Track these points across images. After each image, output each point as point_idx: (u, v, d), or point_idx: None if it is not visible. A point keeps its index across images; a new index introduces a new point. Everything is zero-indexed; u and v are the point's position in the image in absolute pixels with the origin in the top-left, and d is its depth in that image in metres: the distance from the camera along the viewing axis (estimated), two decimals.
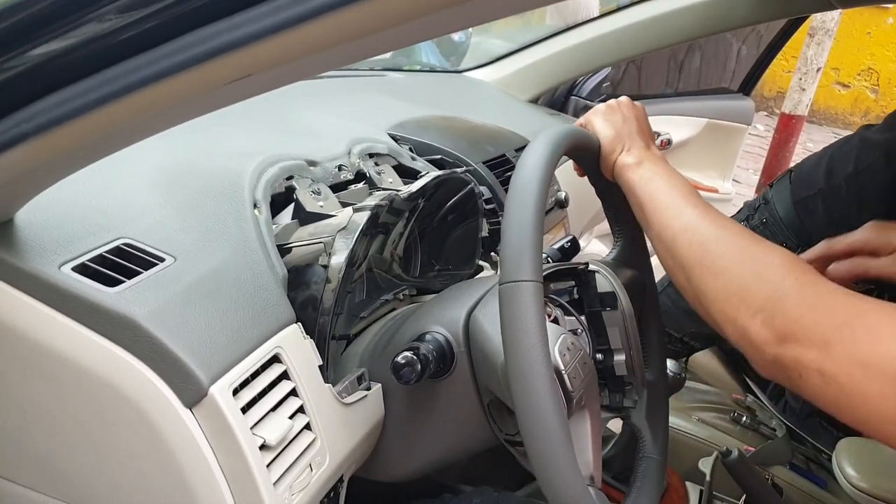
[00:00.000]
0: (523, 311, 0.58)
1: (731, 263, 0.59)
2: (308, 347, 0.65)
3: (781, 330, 0.52)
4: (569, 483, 0.59)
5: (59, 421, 0.57)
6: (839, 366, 0.48)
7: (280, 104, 1.08)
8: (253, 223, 0.68)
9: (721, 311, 0.58)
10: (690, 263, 0.62)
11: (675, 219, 0.66)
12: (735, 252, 0.60)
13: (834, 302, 0.51)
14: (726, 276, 0.59)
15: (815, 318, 0.51)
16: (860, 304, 0.50)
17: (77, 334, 0.54)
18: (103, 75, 0.45)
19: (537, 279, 0.59)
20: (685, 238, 0.63)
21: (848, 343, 0.48)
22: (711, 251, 0.61)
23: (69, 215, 0.62)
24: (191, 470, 0.54)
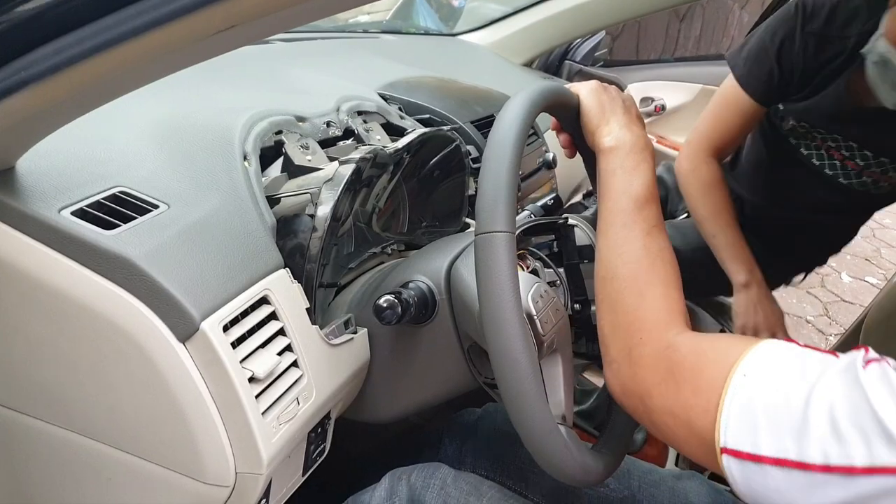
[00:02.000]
0: (496, 260, 0.62)
1: (615, 307, 0.65)
2: (296, 291, 0.69)
3: (626, 380, 0.61)
4: (538, 418, 0.63)
5: (62, 354, 0.61)
6: (659, 415, 0.58)
7: (274, 63, 1.11)
8: (243, 174, 0.72)
9: (617, 333, 0.64)
10: (599, 282, 0.68)
11: (608, 229, 0.68)
12: (625, 296, 0.65)
13: (676, 353, 0.59)
14: (612, 315, 0.65)
15: (651, 371, 0.59)
16: (690, 356, 0.58)
17: (76, 273, 0.58)
18: (97, 24, 0.47)
19: (510, 230, 0.63)
20: (604, 255, 0.68)
21: (664, 398, 0.57)
22: (622, 287, 0.65)
23: (69, 164, 0.65)
24: (184, 399, 0.58)
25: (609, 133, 0.74)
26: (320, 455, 0.76)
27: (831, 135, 1.24)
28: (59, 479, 0.65)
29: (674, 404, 0.56)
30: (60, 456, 0.64)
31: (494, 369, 0.63)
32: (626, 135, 0.73)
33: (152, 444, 0.61)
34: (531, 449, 0.66)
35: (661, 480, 0.96)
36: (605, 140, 0.74)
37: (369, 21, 2.84)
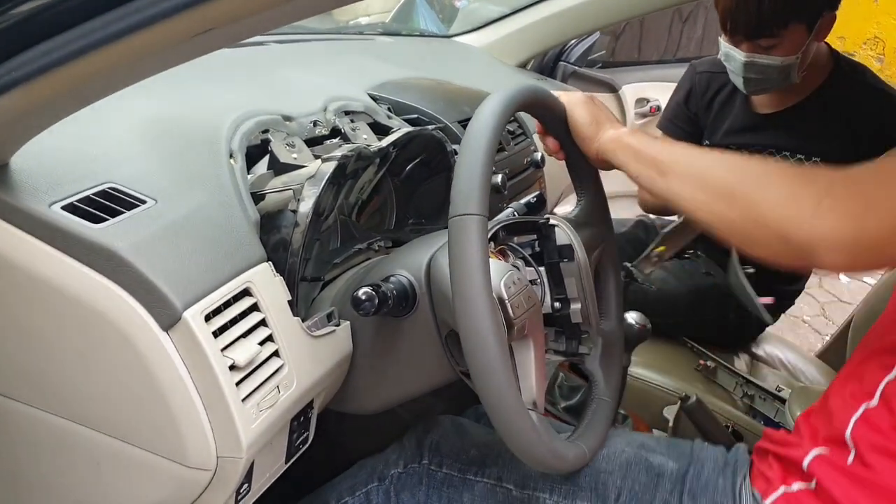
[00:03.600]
0: (468, 241, 0.64)
1: (773, 175, 0.65)
2: (278, 284, 0.71)
3: (853, 203, 0.57)
4: (506, 395, 0.65)
5: (51, 342, 0.63)
6: None
7: (265, 64, 1.14)
8: (228, 171, 0.74)
9: (781, 216, 0.61)
10: (731, 188, 0.66)
11: (697, 158, 0.72)
12: (770, 167, 0.66)
13: (873, 168, 0.59)
14: (774, 185, 0.63)
15: (876, 181, 0.58)
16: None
17: (65, 264, 0.61)
18: (83, 28, 0.50)
19: (482, 213, 0.65)
20: (718, 168, 0.69)
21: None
22: (750, 171, 0.67)
23: (60, 161, 0.68)
24: (167, 386, 0.61)
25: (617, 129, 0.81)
26: (304, 443, 0.79)
27: (749, 148, 1.43)
28: (50, 463, 0.68)
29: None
30: (51, 441, 0.67)
31: (464, 345, 0.65)
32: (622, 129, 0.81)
33: (138, 429, 0.64)
34: (500, 430, 0.68)
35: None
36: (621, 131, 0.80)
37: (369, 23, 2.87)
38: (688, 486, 0.77)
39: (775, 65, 1.26)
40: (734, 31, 1.27)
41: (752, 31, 1.24)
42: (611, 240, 0.98)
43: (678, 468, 0.79)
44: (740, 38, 1.27)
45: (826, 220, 0.58)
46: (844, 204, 0.58)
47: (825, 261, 0.59)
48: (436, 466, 0.85)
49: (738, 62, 1.29)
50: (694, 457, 0.81)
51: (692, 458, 0.81)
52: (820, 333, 2.81)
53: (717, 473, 0.78)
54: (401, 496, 0.85)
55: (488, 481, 0.83)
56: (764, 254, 0.64)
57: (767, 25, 1.22)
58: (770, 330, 1.71)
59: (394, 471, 0.87)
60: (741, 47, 1.27)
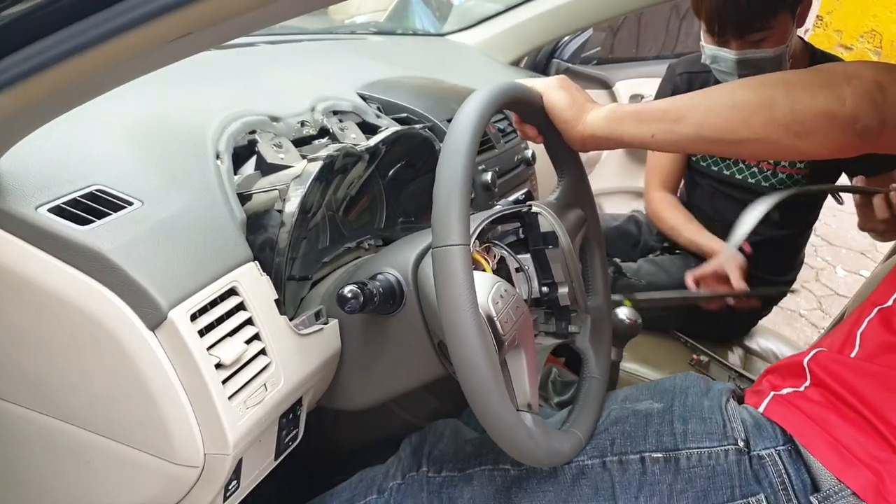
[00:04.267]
0: (453, 272, 0.65)
1: (792, 83, 0.67)
2: (264, 283, 0.72)
3: (872, 75, 0.62)
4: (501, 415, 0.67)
5: (40, 343, 0.64)
6: None
7: (254, 65, 1.14)
8: (215, 172, 0.75)
9: (819, 116, 0.65)
10: (765, 106, 0.68)
11: (708, 92, 0.72)
12: (782, 77, 0.68)
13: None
14: (801, 91, 0.66)
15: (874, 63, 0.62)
16: None
17: (53, 266, 0.61)
18: (63, 33, 0.51)
19: (465, 242, 0.66)
20: (739, 89, 0.70)
21: None
22: (768, 86, 0.68)
23: (48, 164, 0.68)
24: (154, 384, 0.62)
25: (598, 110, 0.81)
26: (293, 440, 0.80)
27: None
28: (41, 462, 0.69)
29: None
30: (42, 440, 0.68)
31: (457, 372, 0.67)
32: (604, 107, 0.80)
33: (126, 428, 0.65)
34: (497, 441, 0.69)
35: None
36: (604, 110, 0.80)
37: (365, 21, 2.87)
38: (676, 413, 0.79)
39: (768, 57, 1.27)
40: (723, 32, 1.27)
41: (743, 27, 1.25)
42: (594, 218, 0.99)
43: (663, 405, 0.81)
44: (729, 38, 1.27)
45: (852, 100, 0.63)
46: (867, 79, 0.63)
47: (869, 127, 0.64)
48: (434, 472, 0.86)
49: (730, 61, 1.29)
50: (676, 389, 0.84)
51: (675, 391, 0.83)
52: (817, 327, 2.81)
53: (700, 396, 0.80)
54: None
55: (486, 467, 0.84)
56: (819, 142, 0.66)
57: (757, 19, 1.23)
58: (765, 323, 1.72)
59: (392, 483, 0.87)
60: (730, 46, 1.28)
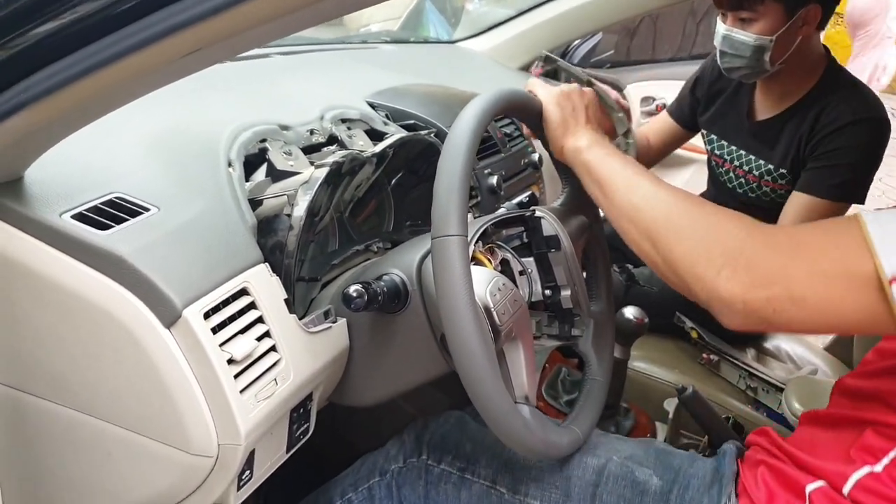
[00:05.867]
0: (450, 262, 0.68)
1: (692, 229, 0.67)
2: (274, 283, 0.76)
3: (746, 277, 0.60)
4: (496, 402, 0.70)
5: (64, 341, 0.69)
6: (804, 286, 0.58)
7: (266, 76, 1.19)
8: (227, 180, 0.79)
9: (689, 272, 0.65)
10: (655, 232, 0.69)
11: (634, 192, 0.73)
12: (695, 218, 0.68)
13: (779, 239, 0.62)
14: (690, 240, 0.66)
15: (771, 255, 0.60)
16: (800, 232, 0.62)
17: (75, 269, 0.66)
18: (83, 52, 0.55)
19: (462, 233, 0.69)
20: (647, 208, 0.71)
21: (804, 264, 0.59)
22: (673, 219, 0.68)
23: (70, 173, 0.73)
24: (170, 379, 0.66)
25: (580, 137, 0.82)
26: (304, 434, 0.83)
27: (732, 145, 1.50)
28: (65, 453, 0.73)
29: (820, 266, 0.58)
30: (65, 433, 0.72)
31: (454, 359, 0.70)
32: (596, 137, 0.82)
33: (145, 420, 0.69)
34: (494, 429, 0.72)
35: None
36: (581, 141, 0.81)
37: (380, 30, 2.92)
38: (672, 502, 0.78)
39: (749, 42, 1.29)
40: (720, 3, 1.32)
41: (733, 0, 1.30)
42: (598, 225, 1.01)
43: (662, 485, 0.80)
44: (725, 10, 1.32)
45: (723, 285, 0.62)
46: (743, 274, 0.61)
47: (720, 319, 0.65)
48: (434, 462, 0.89)
49: (720, 35, 1.34)
50: (681, 473, 0.82)
51: (678, 475, 0.82)
52: None
53: (701, 493, 0.78)
54: (402, 491, 0.89)
55: (483, 483, 0.86)
56: (686, 290, 0.68)
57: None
58: None
59: (394, 466, 0.91)
60: (726, 21, 1.33)
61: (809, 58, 1.35)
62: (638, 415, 1.38)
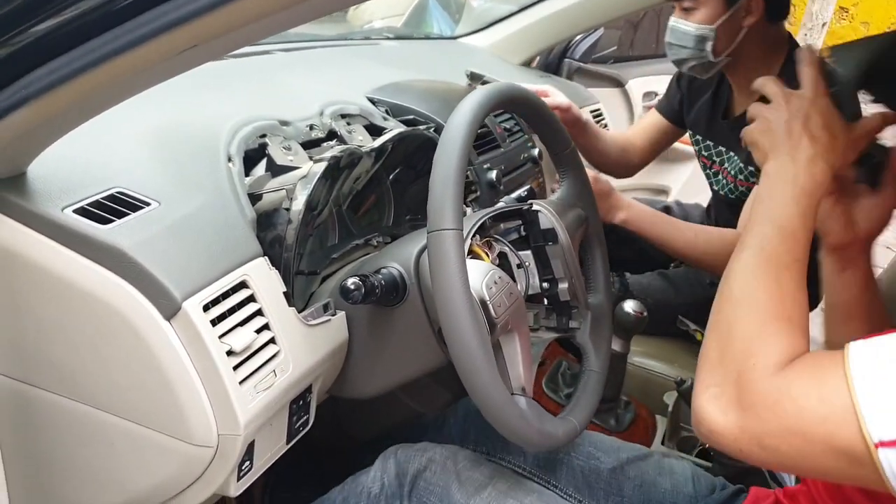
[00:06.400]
0: (446, 255, 0.69)
1: (732, 330, 0.60)
2: (273, 277, 0.77)
3: (727, 408, 0.56)
4: (491, 392, 0.71)
5: (67, 333, 0.70)
6: (778, 440, 0.53)
7: (267, 72, 1.20)
8: (227, 174, 0.80)
9: (702, 364, 0.61)
10: (718, 301, 0.63)
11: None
12: (745, 321, 0.60)
13: (765, 385, 0.56)
14: (727, 337, 0.60)
15: (756, 398, 0.55)
16: (786, 380, 0.55)
17: (77, 262, 0.67)
18: (82, 48, 0.56)
19: (457, 227, 0.70)
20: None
21: (782, 419, 0.53)
22: (730, 307, 0.61)
23: (72, 169, 0.74)
24: (171, 370, 0.67)
25: None
26: (304, 426, 0.85)
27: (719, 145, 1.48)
28: (69, 444, 0.74)
29: (799, 421, 0.52)
30: (69, 424, 0.74)
31: (450, 351, 0.71)
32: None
33: (147, 411, 0.70)
34: (490, 420, 0.73)
35: (647, 455, 1.02)
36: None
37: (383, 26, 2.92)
38: None
39: (690, 31, 1.31)
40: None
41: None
42: (595, 217, 1.02)
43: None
44: (672, 1, 1.36)
45: (705, 405, 0.58)
46: (724, 401, 0.57)
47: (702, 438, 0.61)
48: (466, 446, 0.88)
49: (668, 26, 1.36)
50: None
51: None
52: None
53: None
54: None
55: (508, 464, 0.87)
56: None
57: None
58: None
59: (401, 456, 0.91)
60: (676, 13, 1.35)
61: (763, 48, 1.34)
62: (638, 408, 1.39)
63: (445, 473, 0.87)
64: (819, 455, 0.52)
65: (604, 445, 1.03)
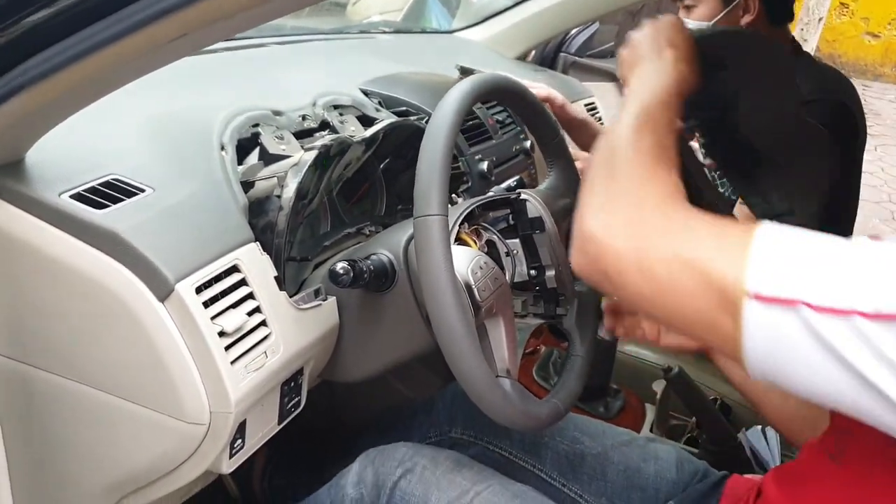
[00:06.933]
0: (431, 240, 0.72)
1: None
2: (265, 261, 0.79)
3: (613, 220, 0.56)
4: (475, 373, 0.73)
5: (65, 315, 0.72)
6: (659, 262, 0.53)
7: (262, 63, 1.22)
8: (219, 162, 0.83)
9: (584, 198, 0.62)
10: None
11: None
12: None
13: (676, 209, 0.56)
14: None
15: (652, 214, 0.56)
16: (695, 217, 0.55)
17: (74, 246, 0.69)
18: (76, 37, 0.58)
19: (443, 213, 0.73)
20: None
21: (675, 241, 0.53)
22: None
23: (69, 156, 0.77)
24: (165, 350, 0.69)
25: None
26: (295, 407, 0.87)
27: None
28: (69, 422, 0.77)
29: (691, 246, 0.52)
30: (70, 403, 0.76)
31: (435, 333, 0.73)
32: None
33: (142, 390, 0.72)
34: (474, 399, 0.75)
35: (632, 441, 1.04)
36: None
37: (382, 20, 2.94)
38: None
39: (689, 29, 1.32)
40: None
41: None
42: None
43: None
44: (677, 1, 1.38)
45: (590, 220, 0.59)
46: (611, 216, 0.58)
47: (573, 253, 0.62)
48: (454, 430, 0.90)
49: None
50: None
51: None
52: None
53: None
54: None
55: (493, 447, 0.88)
56: None
57: None
58: None
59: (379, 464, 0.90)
60: (679, 12, 1.38)
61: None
62: (628, 396, 1.41)
63: (423, 482, 0.87)
64: (692, 287, 0.51)
65: (589, 430, 1.05)
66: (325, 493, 0.94)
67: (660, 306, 0.54)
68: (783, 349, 0.47)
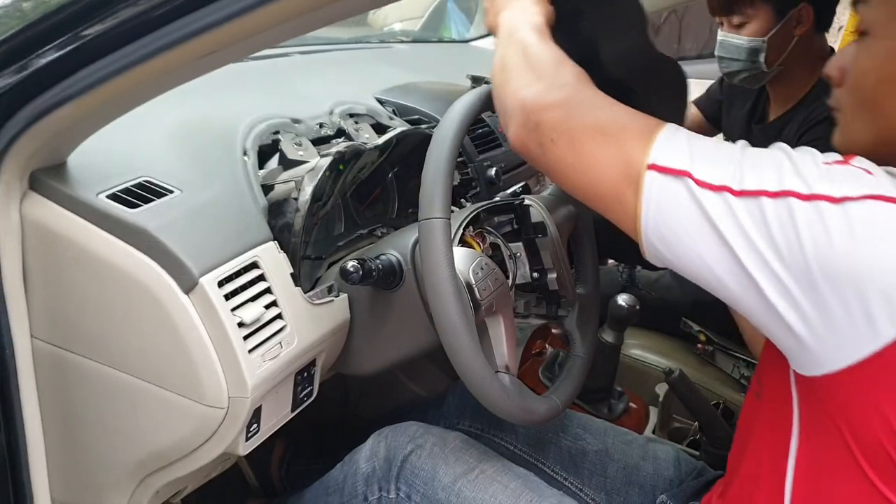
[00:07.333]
0: (434, 241, 0.77)
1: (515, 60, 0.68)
2: (282, 259, 0.86)
3: (545, 91, 0.63)
4: (475, 368, 0.78)
5: (100, 305, 0.79)
6: (586, 133, 0.61)
7: (283, 73, 1.29)
8: (242, 167, 0.89)
9: (512, 85, 0.67)
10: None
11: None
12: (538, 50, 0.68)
13: (582, 94, 0.64)
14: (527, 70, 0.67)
15: (581, 91, 0.63)
16: (616, 105, 0.63)
17: (109, 242, 0.76)
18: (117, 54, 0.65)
19: (445, 216, 0.78)
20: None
21: (601, 115, 0.61)
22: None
23: (107, 159, 0.83)
24: (189, 339, 0.76)
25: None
26: (308, 396, 0.93)
27: None
28: (100, 404, 0.84)
29: (608, 121, 0.61)
30: (100, 386, 0.83)
31: (437, 329, 0.78)
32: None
33: (167, 374, 0.79)
34: (473, 392, 0.81)
35: (633, 440, 1.09)
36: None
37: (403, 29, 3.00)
38: None
39: (742, 45, 1.35)
40: (712, 10, 1.39)
41: (725, 6, 1.36)
42: (586, 214, 1.09)
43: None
44: (721, 17, 1.39)
45: (524, 89, 0.65)
46: (544, 89, 0.64)
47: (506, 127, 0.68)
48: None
49: (718, 41, 1.40)
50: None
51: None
52: None
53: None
54: None
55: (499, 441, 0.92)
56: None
57: (736, 1, 1.34)
58: None
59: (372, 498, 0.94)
60: (723, 27, 1.39)
61: (810, 57, 1.38)
62: (631, 398, 1.45)
63: (432, 457, 0.92)
64: (607, 159, 0.59)
65: (592, 428, 1.10)
66: (339, 470, 0.99)
67: (580, 174, 0.62)
68: (672, 217, 0.56)
